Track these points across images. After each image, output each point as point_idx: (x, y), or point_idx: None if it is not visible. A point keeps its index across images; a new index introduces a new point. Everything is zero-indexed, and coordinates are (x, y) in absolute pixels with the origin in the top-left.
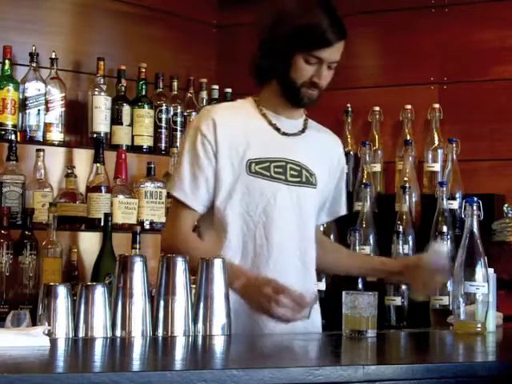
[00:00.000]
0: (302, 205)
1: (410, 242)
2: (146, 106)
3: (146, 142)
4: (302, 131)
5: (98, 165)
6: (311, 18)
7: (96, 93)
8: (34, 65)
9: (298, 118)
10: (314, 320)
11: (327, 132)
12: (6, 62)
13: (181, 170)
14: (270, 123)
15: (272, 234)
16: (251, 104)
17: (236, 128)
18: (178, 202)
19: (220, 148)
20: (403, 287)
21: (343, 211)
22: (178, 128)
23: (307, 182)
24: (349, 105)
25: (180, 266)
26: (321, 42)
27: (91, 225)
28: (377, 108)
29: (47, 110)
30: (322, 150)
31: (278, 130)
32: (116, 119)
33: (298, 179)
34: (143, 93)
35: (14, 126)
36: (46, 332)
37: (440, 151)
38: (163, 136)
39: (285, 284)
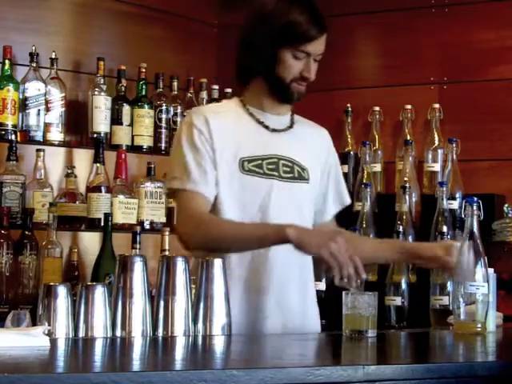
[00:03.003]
0: (297, 200)
1: None
2: (146, 106)
3: (146, 142)
4: (290, 127)
5: (98, 165)
6: (295, 14)
7: (96, 93)
8: (34, 65)
9: (284, 114)
10: (314, 319)
11: (314, 126)
12: (6, 61)
13: (185, 164)
14: (258, 121)
15: None
16: (237, 104)
17: (226, 128)
18: (189, 194)
19: (215, 145)
20: (403, 287)
21: (347, 200)
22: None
23: (300, 178)
24: (349, 105)
25: (180, 266)
26: (307, 36)
27: (91, 225)
28: (377, 108)
29: (47, 109)
30: (310, 145)
31: (266, 127)
32: (116, 119)
33: (291, 175)
34: (143, 93)
35: (14, 126)
36: (46, 332)
37: (440, 151)
38: (163, 136)
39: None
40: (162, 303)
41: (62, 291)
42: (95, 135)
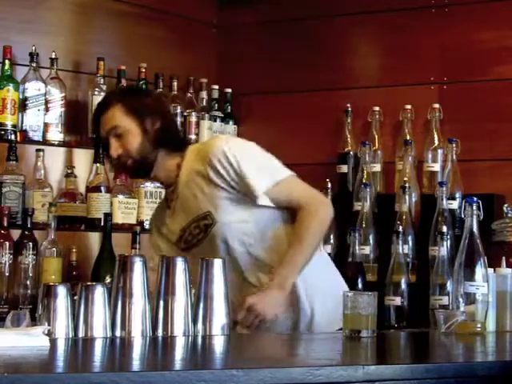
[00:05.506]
0: (219, 245)
1: (410, 242)
2: None
3: None
4: (177, 188)
5: (98, 165)
6: None
7: (96, 93)
8: (34, 65)
9: (171, 180)
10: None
11: (200, 161)
12: (6, 62)
13: None
14: (166, 201)
15: None
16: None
17: (156, 223)
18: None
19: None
20: (403, 287)
21: (257, 193)
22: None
23: (209, 226)
24: (349, 105)
25: (180, 266)
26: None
27: (91, 225)
28: (377, 108)
29: (47, 109)
30: (201, 185)
31: (168, 206)
32: None
33: (201, 234)
34: None
35: (14, 126)
36: (46, 332)
37: (440, 151)
38: None
39: None
40: (161, 303)
41: (61, 291)
42: (95, 135)
